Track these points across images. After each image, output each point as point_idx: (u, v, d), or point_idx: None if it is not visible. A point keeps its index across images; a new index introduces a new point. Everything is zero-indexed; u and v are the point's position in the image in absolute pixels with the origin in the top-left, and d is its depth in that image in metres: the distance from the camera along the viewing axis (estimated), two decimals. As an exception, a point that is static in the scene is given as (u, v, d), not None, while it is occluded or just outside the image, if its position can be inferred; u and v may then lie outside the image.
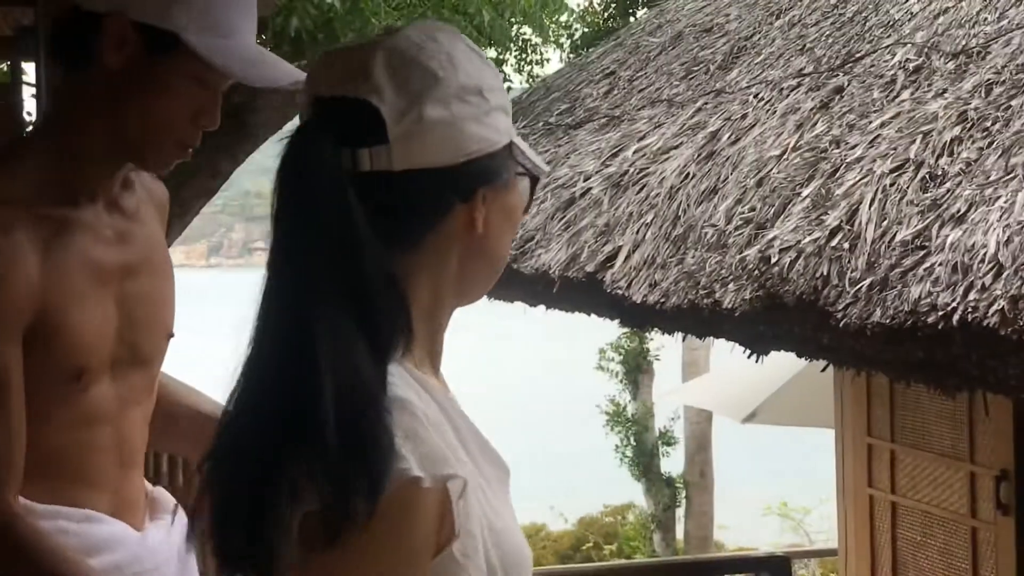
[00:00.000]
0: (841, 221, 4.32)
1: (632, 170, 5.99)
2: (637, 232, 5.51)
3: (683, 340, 6.76)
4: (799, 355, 4.87)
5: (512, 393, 31.91)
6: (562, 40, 12.22)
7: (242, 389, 1.32)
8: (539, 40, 12.27)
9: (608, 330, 13.34)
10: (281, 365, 1.27)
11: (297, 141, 1.35)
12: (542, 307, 6.55)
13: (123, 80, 1.86)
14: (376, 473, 1.22)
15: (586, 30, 12.15)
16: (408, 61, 1.41)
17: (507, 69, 11.97)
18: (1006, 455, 6.14)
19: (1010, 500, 6.10)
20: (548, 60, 12.76)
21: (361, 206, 1.31)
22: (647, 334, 14.29)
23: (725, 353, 5.70)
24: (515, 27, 11.93)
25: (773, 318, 4.52)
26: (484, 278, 1.50)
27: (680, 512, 16.74)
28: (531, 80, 12.21)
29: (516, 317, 7.96)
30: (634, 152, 6.07)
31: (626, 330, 14.04)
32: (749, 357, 5.22)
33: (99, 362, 1.92)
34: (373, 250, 1.31)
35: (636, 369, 14.90)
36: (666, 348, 14.76)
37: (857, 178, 4.46)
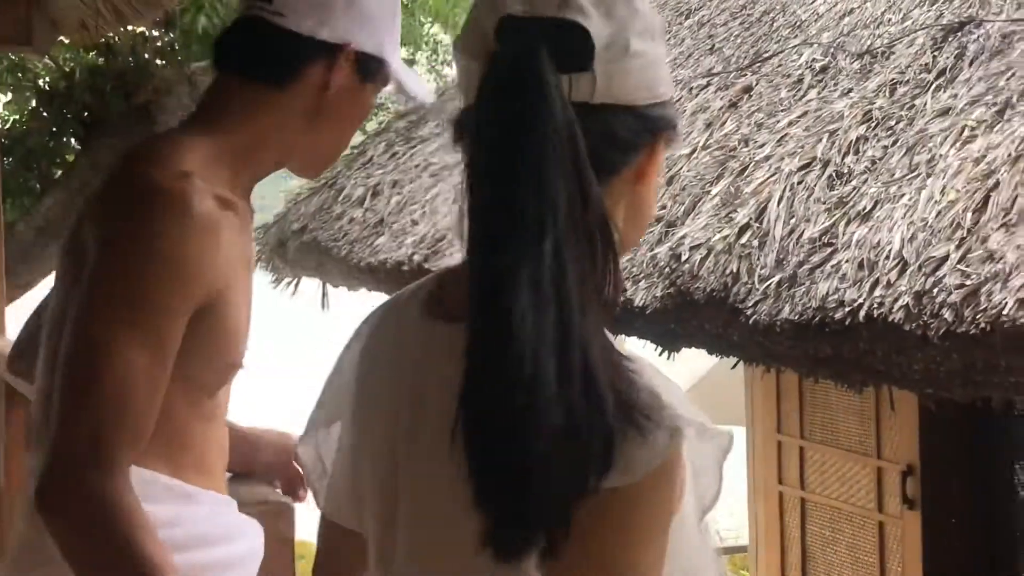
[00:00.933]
0: (750, 219, 4.37)
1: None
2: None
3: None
4: (710, 352, 4.91)
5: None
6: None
7: (483, 337, 1.20)
8: (451, 40, 12.23)
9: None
10: (514, 299, 1.16)
11: (516, 60, 1.21)
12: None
13: (334, 100, 1.92)
14: (650, 424, 1.18)
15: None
16: None
17: (418, 70, 11.90)
18: (911, 450, 6.24)
19: (916, 494, 6.19)
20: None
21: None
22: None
23: (638, 351, 5.70)
24: (426, 27, 11.90)
25: (684, 315, 4.55)
26: (639, 233, 1.42)
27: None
28: (441, 81, 12.17)
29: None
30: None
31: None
32: (660, 355, 5.25)
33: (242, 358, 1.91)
34: (597, 186, 1.22)
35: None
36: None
37: (766, 176, 4.50)
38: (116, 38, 8.16)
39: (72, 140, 8.88)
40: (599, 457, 1.16)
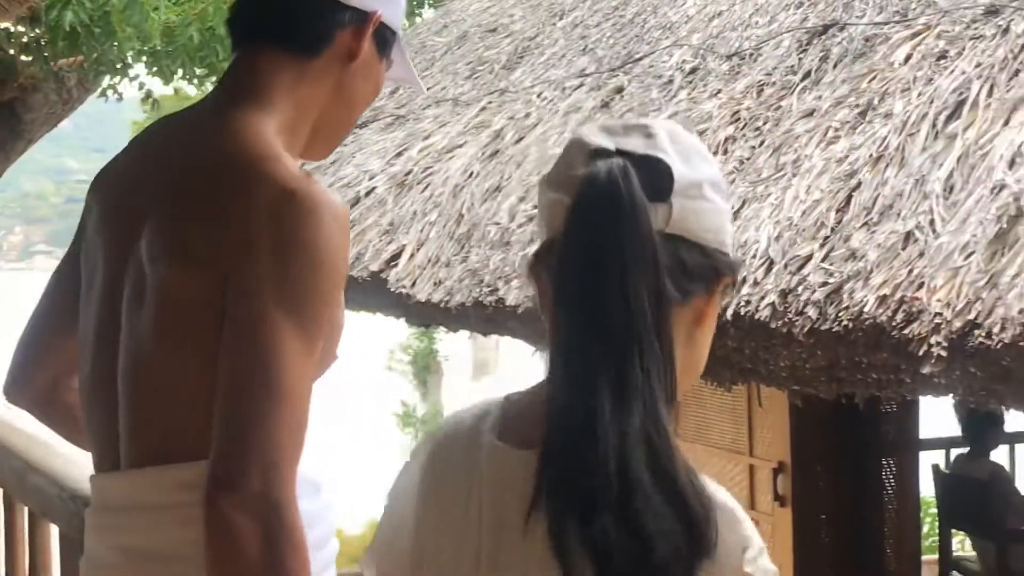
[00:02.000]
0: (621, 218, 4.38)
1: (416, 169, 5.97)
2: (421, 231, 5.49)
3: (469, 338, 6.75)
4: (582, 351, 4.91)
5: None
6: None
7: (561, 428, 1.30)
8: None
9: (398, 330, 13.34)
10: (597, 403, 1.28)
11: (611, 181, 1.32)
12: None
13: (356, 72, 1.90)
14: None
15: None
16: (684, 136, 1.43)
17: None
18: (782, 448, 6.33)
19: (787, 491, 6.28)
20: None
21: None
22: (436, 335, 14.30)
23: (515, 352, 5.72)
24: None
25: (555, 315, 4.54)
26: (693, 377, 1.50)
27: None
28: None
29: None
30: (419, 151, 6.05)
31: (414, 330, 14.03)
32: (534, 354, 5.25)
33: None
34: (670, 307, 1.34)
35: (425, 370, 14.89)
36: (456, 349, 14.79)
37: (636, 176, 4.52)
38: (-21, 34, 7.96)
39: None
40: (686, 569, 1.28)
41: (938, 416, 7.58)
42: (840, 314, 3.47)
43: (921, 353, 3.25)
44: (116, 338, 1.81)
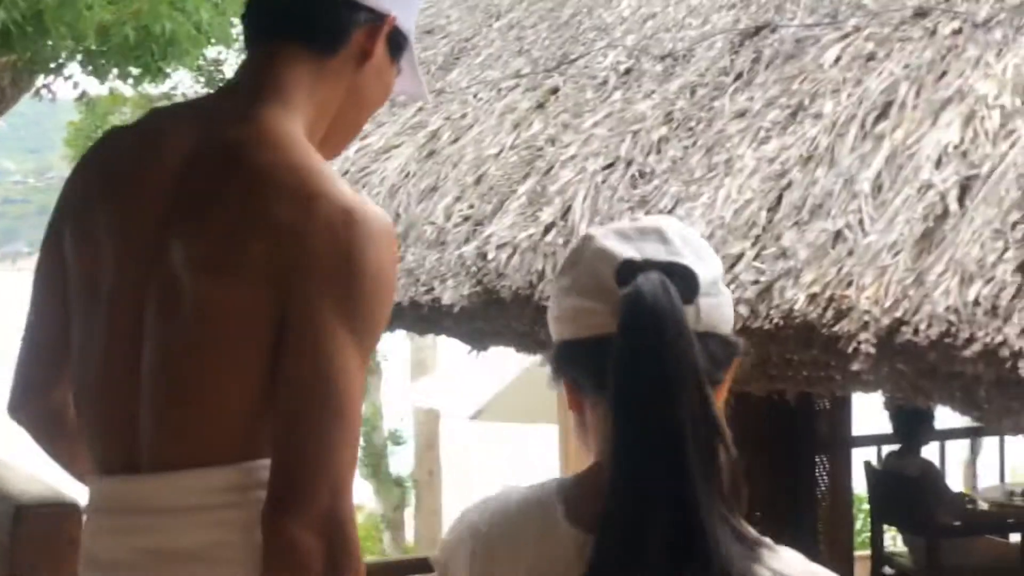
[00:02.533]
0: (555, 217, 4.41)
1: (353, 169, 5.96)
2: (358, 230, 5.48)
3: (407, 338, 6.75)
4: (517, 350, 4.95)
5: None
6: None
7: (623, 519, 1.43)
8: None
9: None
10: (658, 495, 1.41)
11: (654, 295, 1.46)
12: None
13: (368, 74, 1.89)
14: None
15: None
16: (690, 234, 1.59)
17: (227, 70, 11.72)
18: (717, 445, 6.37)
19: (721, 488, 6.33)
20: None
21: None
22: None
23: (453, 352, 5.74)
24: (236, 26, 11.72)
25: (491, 314, 4.57)
26: None
27: (410, 512, 16.80)
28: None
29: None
30: (356, 151, 6.04)
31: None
32: (469, 353, 5.27)
33: None
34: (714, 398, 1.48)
35: (364, 370, 14.80)
36: (394, 349, 14.76)
37: (571, 176, 4.55)
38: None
39: None
40: None
41: (870, 414, 7.68)
42: (771, 312, 3.51)
43: (850, 350, 3.30)
44: (135, 342, 1.78)
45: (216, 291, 1.71)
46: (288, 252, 1.67)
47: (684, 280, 1.49)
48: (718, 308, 1.53)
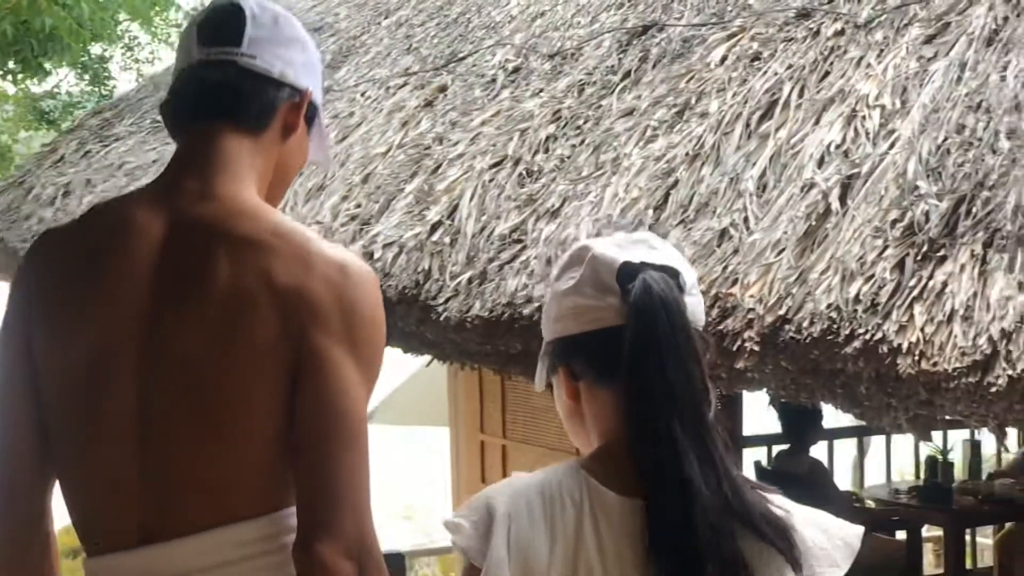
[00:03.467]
0: (442, 216, 4.36)
1: (239, 168, 5.86)
2: (243, 230, 5.38)
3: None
4: (405, 351, 4.89)
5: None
6: (172, 39, 11.81)
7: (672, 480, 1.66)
8: (148, 37, 11.88)
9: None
10: (687, 463, 1.66)
11: (663, 291, 1.72)
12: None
13: (291, 146, 2.01)
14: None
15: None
16: (672, 247, 1.84)
17: (112, 67, 11.51)
18: (608, 446, 6.37)
19: (612, 489, 6.32)
20: (160, 59, 12.33)
21: None
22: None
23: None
24: (123, 24, 11.51)
25: (378, 314, 4.51)
26: None
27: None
28: (138, 75, 11.78)
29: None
30: (242, 149, 5.94)
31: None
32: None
33: None
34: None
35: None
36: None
37: (458, 174, 4.51)
38: None
39: None
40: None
41: (760, 413, 7.74)
42: (657, 310, 3.50)
43: (735, 348, 3.29)
44: (144, 421, 1.86)
45: (229, 357, 1.82)
46: (295, 310, 1.81)
47: (675, 279, 1.74)
48: (698, 306, 1.78)
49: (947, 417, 3.17)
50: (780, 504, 1.72)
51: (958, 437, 8.10)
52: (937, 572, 7.70)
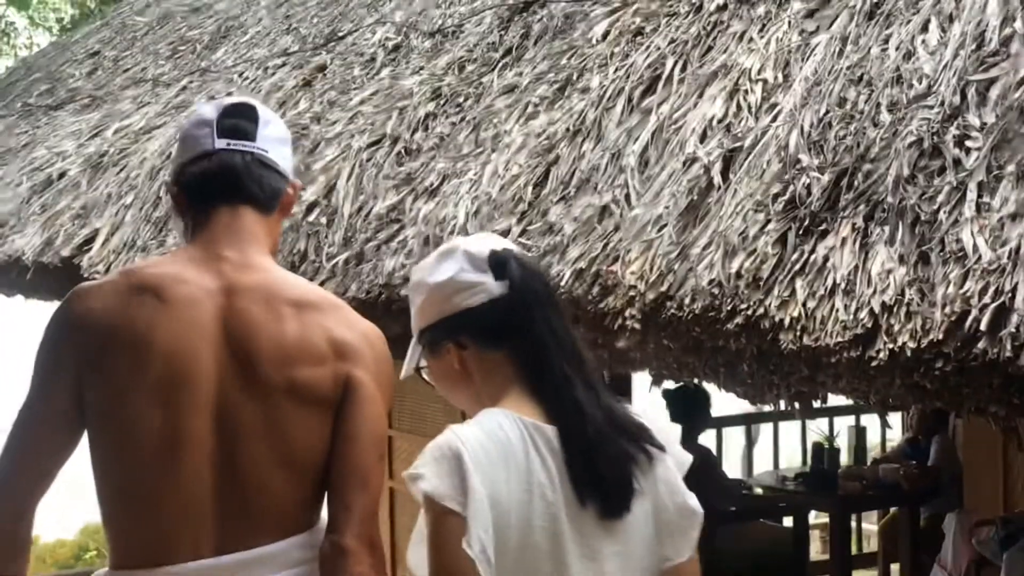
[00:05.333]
0: (319, 196, 4.23)
1: (112, 150, 5.67)
2: (116, 214, 5.20)
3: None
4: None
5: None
6: (52, 25, 11.49)
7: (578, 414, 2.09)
8: (26, 23, 11.52)
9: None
10: (582, 395, 2.10)
11: (542, 275, 2.28)
12: (19, 296, 6.09)
13: (280, 226, 2.47)
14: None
15: (75, 13, 11.43)
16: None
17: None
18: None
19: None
20: (38, 45, 11.93)
21: None
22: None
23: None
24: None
25: (253, 298, 4.36)
26: None
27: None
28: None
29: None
30: (114, 132, 5.74)
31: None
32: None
33: None
34: None
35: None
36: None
37: (336, 154, 4.38)
38: None
39: None
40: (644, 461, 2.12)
41: (649, 401, 7.70)
42: (537, 289, 3.40)
43: (616, 327, 3.21)
44: (213, 448, 2.24)
45: (298, 398, 2.25)
46: (346, 356, 2.28)
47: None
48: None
49: (830, 394, 3.12)
50: (635, 411, 2.19)
51: (844, 424, 8.14)
52: (824, 558, 7.74)
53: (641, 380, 4.70)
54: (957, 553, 6.24)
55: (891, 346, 2.71)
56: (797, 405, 3.27)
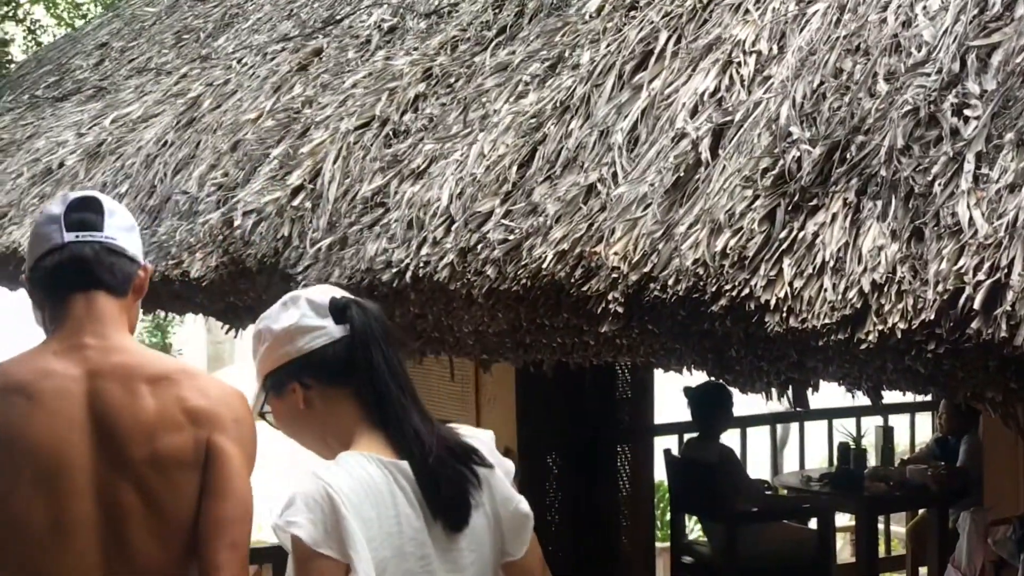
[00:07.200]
0: (304, 180, 4.09)
1: (110, 139, 5.56)
2: (110, 203, 5.07)
3: (205, 330, 6.34)
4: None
5: None
6: (77, 21, 11.46)
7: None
8: (53, 20, 11.50)
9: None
10: (417, 426, 2.33)
11: (381, 317, 2.42)
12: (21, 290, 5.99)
13: (135, 308, 2.58)
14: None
15: (102, 9, 11.39)
16: None
17: (14, 50, 11.11)
18: (509, 434, 6.14)
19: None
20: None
21: None
22: (170, 328, 13.73)
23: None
24: (22, 6, 11.15)
25: (239, 286, 4.23)
26: None
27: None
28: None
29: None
30: (112, 121, 5.63)
31: (147, 323, 13.45)
32: (227, 332, 4.91)
33: None
34: None
35: (159, 366, 14.23)
36: (190, 341, 14.22)
37: (324, 136, 4.24)
38: None
39: None
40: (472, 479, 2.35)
41: (672, 402, 7.55)
42: (519, 272, 3.25)
43: (599, 311, 3.05)
44: (96, 519, 2.39)
45: (164, 464, 2.40)
46: (201, 422, 2.43)
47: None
48: None
49: (822, 381, 2.93)
50: (462, 431, 2.42)
51: (871, 424, 7.93)
52: (852, 561, 7.53)
53: (664, 378, 4.55)
54: (972, 553, 6.04)
55: (881, 327, 2.53)
56: (790, 394, 3.08)
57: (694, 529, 8.49)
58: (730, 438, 7.41)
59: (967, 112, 2.74)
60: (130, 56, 6.70)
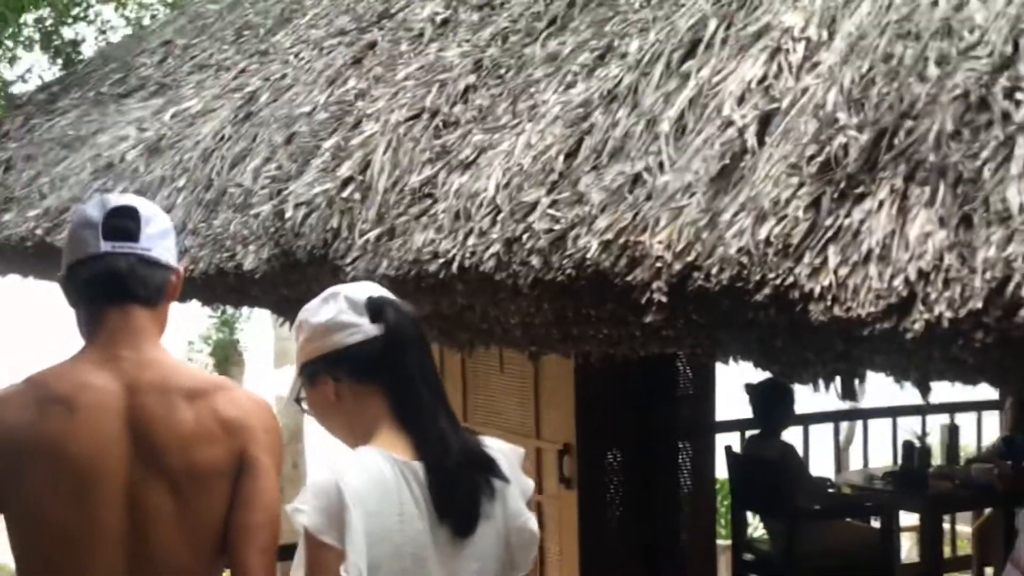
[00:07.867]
0: (354, 172, 4.09)
1: (170, 134, 5.61)
2: (168, 196, 5.13)
3: (272, 327, 6.38)
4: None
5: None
6: (144, 21, 11.59)
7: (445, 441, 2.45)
8: (121, 19, 11.64)
9: (197, 321, 12.89)
10: (445, 430, 2.47)
11: (415, 320, 2.54)
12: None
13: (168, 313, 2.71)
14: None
15: (167, 8, 11.52)
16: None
17: (86, 49, 11.27)
18: (567, 430, 6.12)
19: (572, 473, 6.08)
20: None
21: None
22: (238, 325, 13.86)
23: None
24: (93, 6, 11.29)
25: (291, 278, 4.24)
26: None
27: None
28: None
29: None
30: (172, 116, 5.68)
31: (215, 320, 13.59)
32: (282, 325, 4.94)
33: None
34: None
35: (226, 361, 14.37)
36: (257, 339, 14.35)
37: (374, 129, 4.24)
38: None
39: None
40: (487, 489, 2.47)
41: (733, 399, 7.49)
42: (564, 263, 3.22)
43: (644, 301, 3.01)
44: (125, 523, 2.49)
45: (199, 474, 2.51)
46: (235, 432, 2.54)
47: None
48: None
49: (868, 371, 2.87)
50: (487, 443, 2.51)
51: (936, 422, 7.81)
52: (915, 561, 7.42)
53: (726, 374, 4.50)
54: (1033, 551, 5.90)
55: (927, 316, 2.47)
56: (839, 386, 3.03)
57: (757, 527, 8.42)
58: (793, 436, 7.34)
59: (1019, 96, 2.66)
60: (192, 53, 6.76)
